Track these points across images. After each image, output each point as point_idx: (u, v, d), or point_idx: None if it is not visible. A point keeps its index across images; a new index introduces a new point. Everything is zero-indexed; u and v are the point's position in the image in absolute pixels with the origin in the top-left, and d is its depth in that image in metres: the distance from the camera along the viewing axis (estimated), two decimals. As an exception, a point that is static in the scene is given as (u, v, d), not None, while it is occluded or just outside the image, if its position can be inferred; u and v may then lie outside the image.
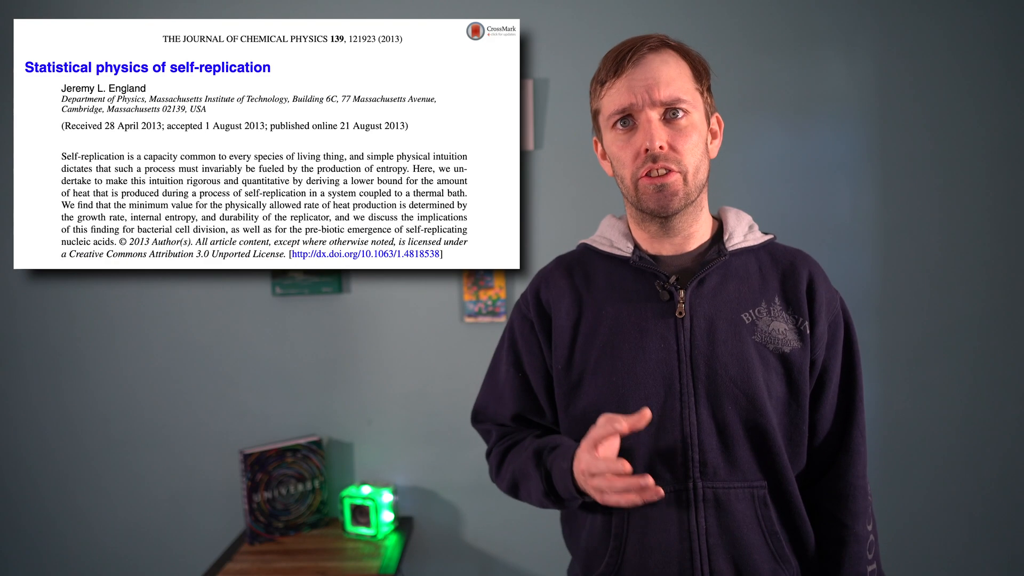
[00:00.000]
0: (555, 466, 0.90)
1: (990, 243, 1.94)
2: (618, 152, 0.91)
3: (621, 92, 0.88)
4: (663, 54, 0.89)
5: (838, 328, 0.96)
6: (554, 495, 0.92)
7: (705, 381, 0.89)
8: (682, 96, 0.88)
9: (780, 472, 0.90)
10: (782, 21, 1.92)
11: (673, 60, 0.89)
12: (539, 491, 0.94)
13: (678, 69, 0.89)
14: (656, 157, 0.87)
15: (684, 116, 0.88)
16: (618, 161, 0.92)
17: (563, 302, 0.98)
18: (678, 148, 0.88)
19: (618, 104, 0.89)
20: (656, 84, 0.87)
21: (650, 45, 0.88)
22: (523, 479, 0.97)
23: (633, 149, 0.89)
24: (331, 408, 1.99)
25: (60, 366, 1.97)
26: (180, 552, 1.98)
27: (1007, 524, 1.98)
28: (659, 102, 0.87)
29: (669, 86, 0.87)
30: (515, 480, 0.99)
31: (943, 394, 1.96)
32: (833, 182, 1.95)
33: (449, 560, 2.01)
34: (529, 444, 0.98)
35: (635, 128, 0.89)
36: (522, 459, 0.97)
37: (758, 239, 0.98)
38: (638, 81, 0.87)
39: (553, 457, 0.91)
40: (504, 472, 1.02)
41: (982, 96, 1.91)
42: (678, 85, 0.88)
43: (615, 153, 0.92)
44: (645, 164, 0.88)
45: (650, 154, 0.87)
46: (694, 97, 0.90)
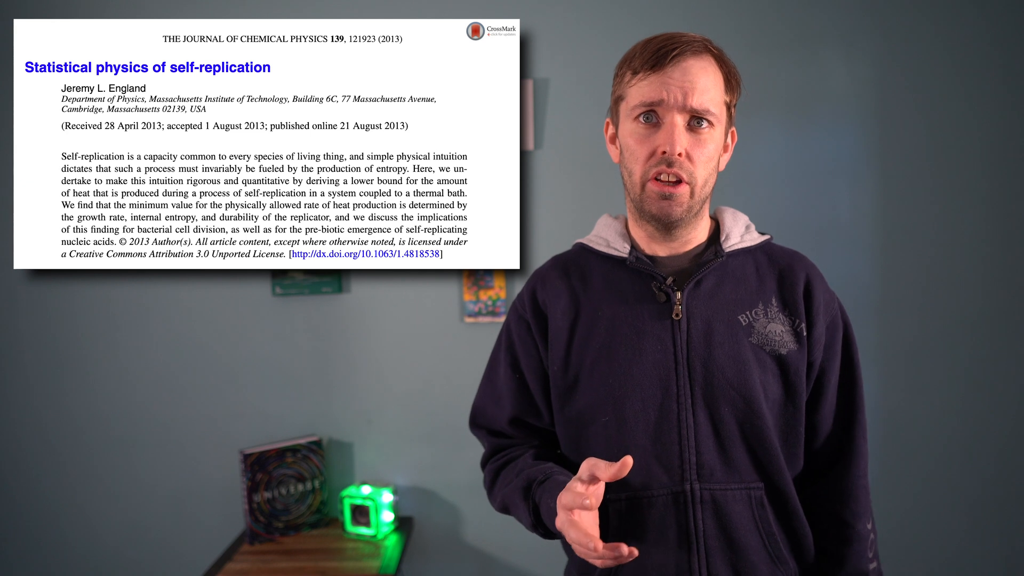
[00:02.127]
0: (543, 502, 0.89)
1: (988, 243, 1.94)
2: (634, 146, 0.90)
3: (654, 87, 0.86)
4: (703, 60, 0.87)
5: (836, 330, 0.95)
6: (542, 528, 0.92)
7: (702, 383, 0.89)
8: (712, 108, 0.87)
9: (777, 473, 0.89)
10: (782, 21, 1.91)
11: (712, 68, 0.87)
12: (527, 523, 0.94)
13: (715, 79, 0.88)
14: (672, 162, 0.86)
15: (708, 128, 0.88)
16: (631, 154, 0.91)
17: (560, 302, 0.97)
18: (694, 158, 0.87)
19: (648, 97, 0.87)
20: (692, 90, 0.85)
21: (694, 49, 0.86)
22: (513, 507, 0.97)
23: (650, 147, 0.88)
24: (331, 408, 1.99)
25: (60, 366, 1.97)
26: (180, 552, 1.98)
27: (1004, 521, 1.98)
28: (689, 108, 0.86)
29: (703, 95, 0.86)
30: (505, 505, 0.99)
31: (941, 393, 1.97)
32: (832, 182, 1.95)
33: (449, 560, 2.01)
34: (520, 470, 0.97)
35: (658, 126, 0.88)
36: (511, 487, 0.96)
37: (755, 239, 0.97)
38: (674, 82, 0.85)
39: (542, 491, 0.90)
40: (496, 494, 1.02)
41: (980, 97, 1.91)
42: (711, 96, 0.87)
43: (630, 146, 0.91)
44: (659, 166, 0.87)
45: (666, 157, 0.86)
46: (721, 110, 0.89)
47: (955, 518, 1.97)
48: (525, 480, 0.94)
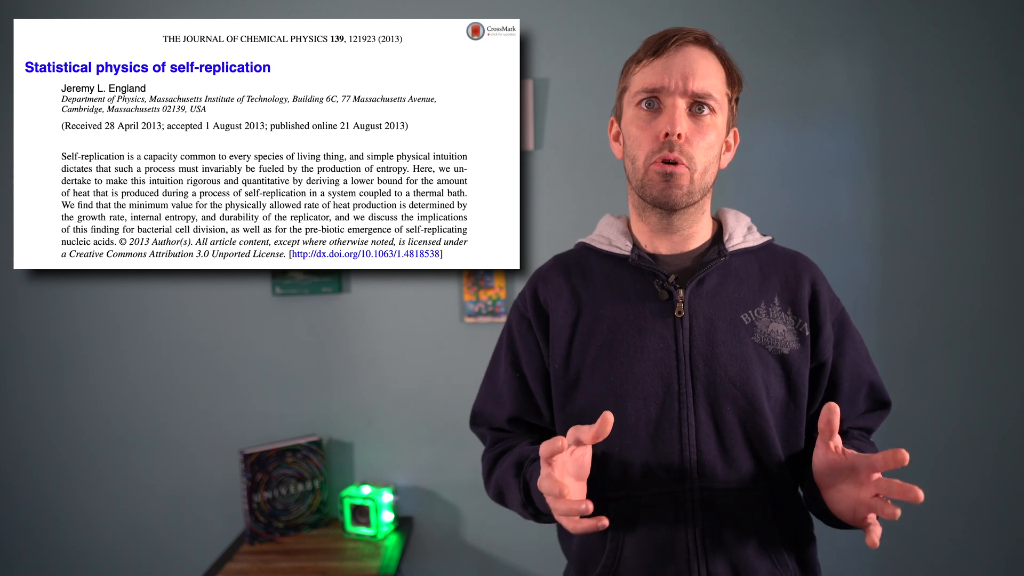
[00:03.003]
0: (533, 478, 0.88)
1: (987, 243, 1.94)
2: (637, 132, 0.90)
3: (656, 72, 0.88)
4: (704, 50, 0.89)
5: (840, 326, 0.96)
6: (532, 507, 0.91)
7: (704, 382, 0.89)
8: (713, 93, 0.88)
9: (777, 474, 0.89)
10: (782, 21, 1.92)
11: (713, 59, 0.89)
12: (518, 502, 0.92)
13: (716, 67, 0.89)
14: (672, 146, 0.87)
15: (709, 114, 0.88)
16: (634, 141, 0.91)
17: (561, 300, 0.97)
18: (693, 143, 0.88)
19: (649, 83, 0.88)
20: (693, 74, 0.86)
21: (695, 36, 0.88)
22: (506, 488, 0.95)
23: (653, 132, 0.88)
24: (331, 408, 1.99)
25: (60, 366, 1.97)
26: (180, 552, 1.98)
27: (1004, 521, 1.98)
28: (690, 92, 0.87)
29: (704, 80, 0.87)
30: (499, 489, 0.98)
31: (941, 393, 1.97)
32: (832, 182, 1.95)
33: (449, 560, 2.01)
34: (516, 452, 0.96)
35: (659, 112, 0.88)
36: (505, 467, 0.96)
37: (757, 240, 0.98)
38: (675, 66, 0.87)
39: (533, 469, 0.89)
40: (491, 480, 1.00)
41: (980, 97, 1.91)
42: (712, 82, 0.88)
43: (633, 133, 0.91)
44: (662, 151, 0.87)
45: (668, 140, 0.87)
46: (722, 100, 0.90)
47: (955, 518, 1.97)
48: (517, 458, 0.94)
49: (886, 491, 0.73)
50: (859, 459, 0.77)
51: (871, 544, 0.74)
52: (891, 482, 0.73)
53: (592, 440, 0.75)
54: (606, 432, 0.74)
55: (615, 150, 0.99)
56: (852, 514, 0.79)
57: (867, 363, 0.99)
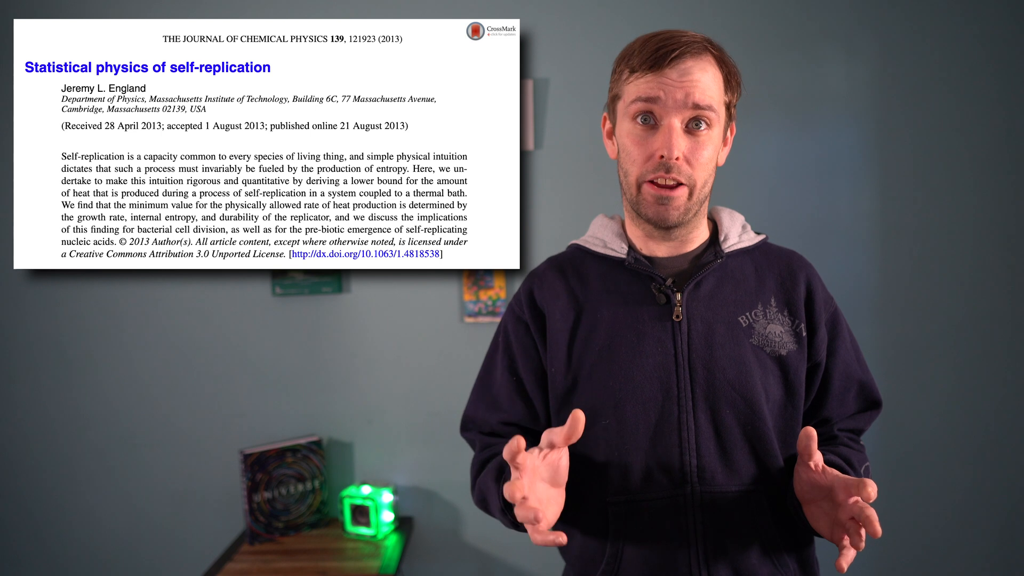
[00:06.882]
0: None
1: (988, 243, 1.94)
2: (631, 147, 0.88)
3: (651, 87, 0.85)
4: (703, 60, 0.85)
5: (833, 326, 0.96)
6: (511, 514, 0.86)
7: (703, 385, 0.88)
8: (712, 105, 0.85)
9: (776, 475, 0.89)
10: (782, 21, 1.92)
11: (711, 69, 0.86)
12: (497, 508, 0.89)
13: (714, 79, 0.86)
14: (670, 167, 0.85)
15: (706, 130, 0.86)
16: (628, 156, 0.89)
17: (558, 303, 0.96)
18: (692, 162, 0.86)
19: (644, 97, 0.85)
20: (691, 92, 0.84)
21: (693, 49, 0.84)
22: (487, 494, 0.93)
23: (648, 150, 0.86)
24: (331, 408, 1.99)
25: (60, 366, 1.97)
26: (180, 552, 1.98)
27: (1003, 521, 1.98)
28: (690, 106, 0.84)
29: (702, 95, 0.84)
30: (482, 494, 0.95)
31: (940, 393, 1.97)
32: (832, 182, 1.95)
33: (449, 560, 2.01)
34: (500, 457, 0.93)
35: (655, 128, 0.86)
36: (486, 472, 0.94)
37: (752, 239, 0.97)
38: (672, 83, 0.84)
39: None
40: (476, 485, 0.98)
41: (980, 97, 1.91)
42: (710, 95, 0.85)
43: (627, 147, 0.89)
44: (657, 171, 0.86)
45: (664, 162, 0.85)
46: (720, 109, 0.87)
47: (955, 518, 1.98)
48: (500, 463, 0.92)
49: (857, 515, 0.74)
50: (837, 480, 0.78)
51: (839, 568, 0.77)
52: (863, 508, 0.73)
53: (565, 442, 0.73)
54: (578, 432, 0.72)
55: (608, 148, 0.97)
56: (829, 532, 0.80)
57: (858, 362, 0.98)
